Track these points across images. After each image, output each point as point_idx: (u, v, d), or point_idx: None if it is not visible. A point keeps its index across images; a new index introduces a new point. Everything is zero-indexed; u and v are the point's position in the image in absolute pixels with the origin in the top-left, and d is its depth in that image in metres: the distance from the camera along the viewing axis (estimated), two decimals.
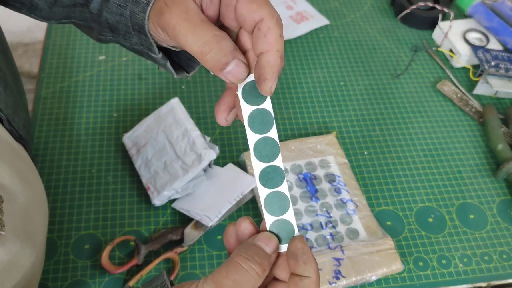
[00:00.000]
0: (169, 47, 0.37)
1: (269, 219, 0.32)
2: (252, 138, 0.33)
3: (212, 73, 0.33)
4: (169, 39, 0.34)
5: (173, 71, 0.39)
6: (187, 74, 0.40)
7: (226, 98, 0.35)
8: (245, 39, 0.34)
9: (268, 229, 0.32)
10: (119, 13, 0.36)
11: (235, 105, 0.35)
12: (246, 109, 0.33)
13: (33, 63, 1.71)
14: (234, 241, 0.32)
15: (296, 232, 0.32)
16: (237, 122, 0.66)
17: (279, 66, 0.32)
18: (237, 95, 0.33)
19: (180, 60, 0.40)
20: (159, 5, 0.33)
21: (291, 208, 0.33)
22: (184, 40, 0.32)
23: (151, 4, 0.34)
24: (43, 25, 0.96)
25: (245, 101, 0.33)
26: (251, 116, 0.33)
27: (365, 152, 0.65)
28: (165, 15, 0.32)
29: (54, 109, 0.66)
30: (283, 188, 0.33)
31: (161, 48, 0.37)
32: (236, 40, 0.34)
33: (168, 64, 0.38)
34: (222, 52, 0.31)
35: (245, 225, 0.32)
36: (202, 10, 0.33)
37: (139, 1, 0.34)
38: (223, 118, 0.35)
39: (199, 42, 0.31)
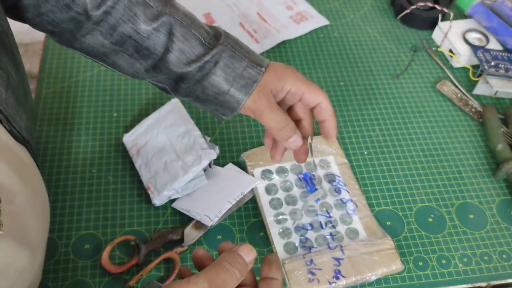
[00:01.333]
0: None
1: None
2: None
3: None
4: (250, 114, 0.49)
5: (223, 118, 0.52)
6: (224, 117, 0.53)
7: (271, 139, 0.54)
8: (300, 111, 0.51)
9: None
10: (214, 96, 0.49)
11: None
12: None
13: (33, 63, 1.71)
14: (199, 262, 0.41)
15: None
16: (237, 123, 0.66)
17: (336, 127, 0.51)
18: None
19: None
20: (252, 97, 0.48)
21: None
22: (267, 120, 0.48)
23: (245, 100, 0.48)
24: None
25: None
26: None
27: (365, 152, 0.65)
28: (257, 103, 0.48)
29: (54, 109, 0.66)
30: None
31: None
32: (290, 110, 0.52)
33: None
34: (289, 129, 0.48)
35: (202, 253, 0.41)
36: (274, 97, 0.49)
37: (235, 95, 0.48)
38: (278, 159, 0.53)
39: (276, 121, 0.48)
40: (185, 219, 0.57)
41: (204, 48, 0.48)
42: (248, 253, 0.39)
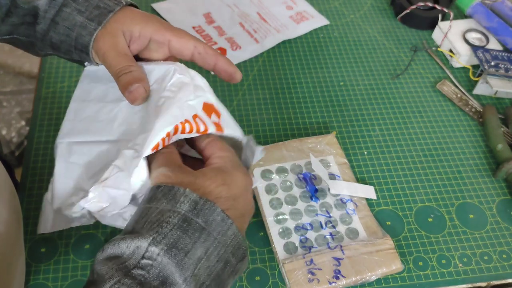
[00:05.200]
0: None
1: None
2: None
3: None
4: (102, 63, 0.44)
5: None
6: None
7: None
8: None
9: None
10: (66, 34, 0.44)
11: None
12: None
13: (33, 63, 1.71)
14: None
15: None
16: (237, 123, 0.66)
17: (231, 63, 0.46)
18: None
19: None
20: (106, 32, 0.43)
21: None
22: (108, 64, 0.43)
23: (98, 30, 0.43)
24: None
25: None
26: None
27: (365, 152, 0.65)
28: (99, 42, 0.43)
29: (54, 109, 0.66)
30: None
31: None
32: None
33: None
34: (130, 77, 0.42)
35: None
36: (128, 44, 0.44)
37: (87, 26, 0.43)
38: None
39: (117, 67, 0.42)
40: None
41: None
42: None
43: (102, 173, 0.39)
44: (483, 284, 0.55)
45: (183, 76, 0.43)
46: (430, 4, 0.80)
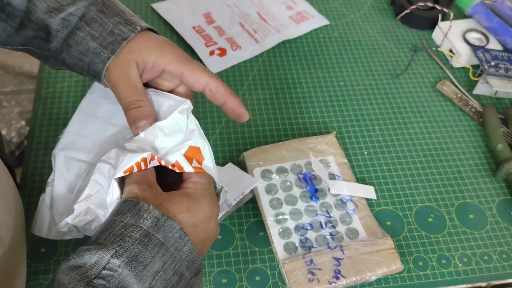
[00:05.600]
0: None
1: None
2: None
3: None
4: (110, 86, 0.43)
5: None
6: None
7: None
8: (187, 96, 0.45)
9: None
10: (78, 58, 0.44)
11: None
12: None
13: (33, 63, 1.71)
14: None
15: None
16: (238, 122, 0.66)
17: (240, 103, 0.45)
18: None
19: None
20: (119, 62, 0.42)
21: None
22: (118, 94, 0.42)
23: (110, 60, 0.42)
24: None
25: None
26: None
27: (365, 152, 0.65)
28: (111, 72, 0.42)
29: (54, 109, 0.66)
30: None
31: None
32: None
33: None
34: (139, 112, 0.42)
35: None
36: (141, 74, 0.43)
37: (100, 53, 0.42)
38: None
39: (126, 100, 0.42)
40: None
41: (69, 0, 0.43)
42: None
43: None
44: (483, 284, 0.55)
45: (183, 117, 0.43)
46: (430, 4, 0.80)
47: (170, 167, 0.41)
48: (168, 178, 0.43)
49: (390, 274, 0.54)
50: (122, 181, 0.41)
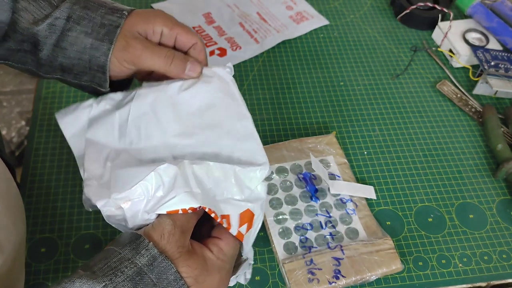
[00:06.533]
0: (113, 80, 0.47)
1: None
2: None
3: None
4: (132, 67, 0.44)
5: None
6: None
7: None
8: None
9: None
10: (77, 57, 0.44)
11: None
12: None
13: None
14: None
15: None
16: None
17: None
18: None
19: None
20: (120, 44, 0.43)
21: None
22: (151, 61, 0.43)
23: (111, 50, 0.43)
24: None
25: None
26: None
27: (365, 152, 0.65)
28: (130, 49, 0.43)
29: (54, 109, 0.66)
30: None
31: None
32: None
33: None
34: (180, 58, 0.44)
35: None
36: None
37: (99, 47, 0.43)
38: None
39: (161, 58, 0.43)
40: None
41: (53, 8, 0.43)
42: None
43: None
44: (483, 284, 0.55)
45: (258, 178, 0.42)
46: (430, 4, 0.80)
47: (219, 216, 0.39)
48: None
49: (390, 274, 0.54)
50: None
